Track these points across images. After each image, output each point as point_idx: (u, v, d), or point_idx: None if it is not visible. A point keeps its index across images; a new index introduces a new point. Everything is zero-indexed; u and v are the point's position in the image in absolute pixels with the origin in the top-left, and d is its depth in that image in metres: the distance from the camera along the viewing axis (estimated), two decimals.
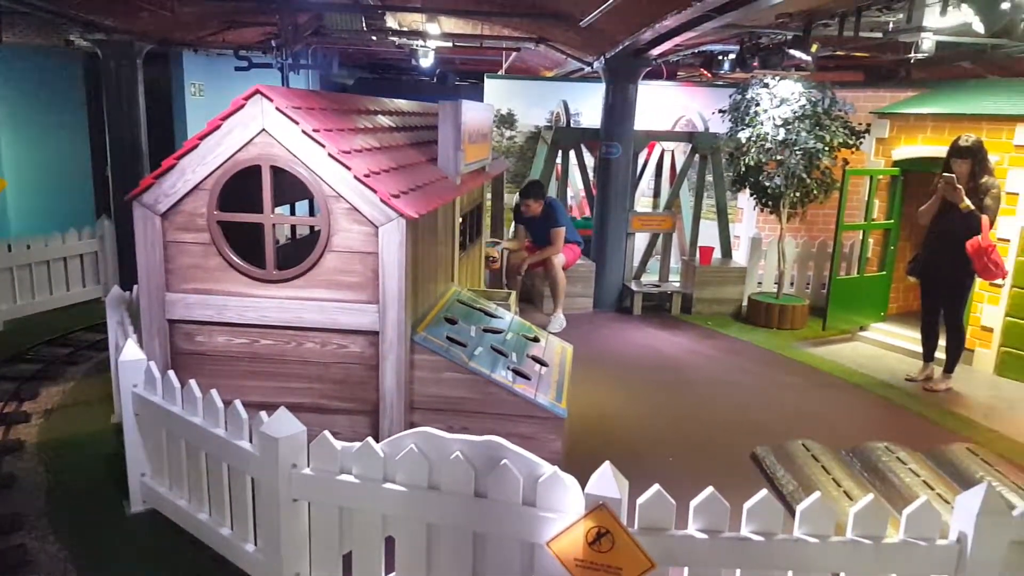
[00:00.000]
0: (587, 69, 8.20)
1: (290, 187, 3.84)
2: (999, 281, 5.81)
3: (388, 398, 3.56)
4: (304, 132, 3.37)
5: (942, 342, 5.73)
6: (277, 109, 3.38)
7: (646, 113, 8.19)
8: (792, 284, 7.85)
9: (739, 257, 8.34)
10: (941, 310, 5.66)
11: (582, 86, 8.70)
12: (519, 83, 8.70)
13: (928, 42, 6.33)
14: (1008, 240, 5.92)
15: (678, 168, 8.43)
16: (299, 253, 3.69)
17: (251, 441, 3.00)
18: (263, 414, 2.88)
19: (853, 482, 3.93)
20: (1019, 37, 6.75)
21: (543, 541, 2.52)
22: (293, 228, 6.13)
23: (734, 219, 9.07)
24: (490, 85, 8.48)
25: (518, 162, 8.53)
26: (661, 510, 2.42)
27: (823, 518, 2.39)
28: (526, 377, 3.90)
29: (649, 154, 8.65)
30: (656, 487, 2.42)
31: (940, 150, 5.69)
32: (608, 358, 6.25)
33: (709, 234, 8.15)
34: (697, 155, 7.90)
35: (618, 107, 7.41)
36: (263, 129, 3.41)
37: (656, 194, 8.82)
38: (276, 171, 3.47)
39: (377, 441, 2.75)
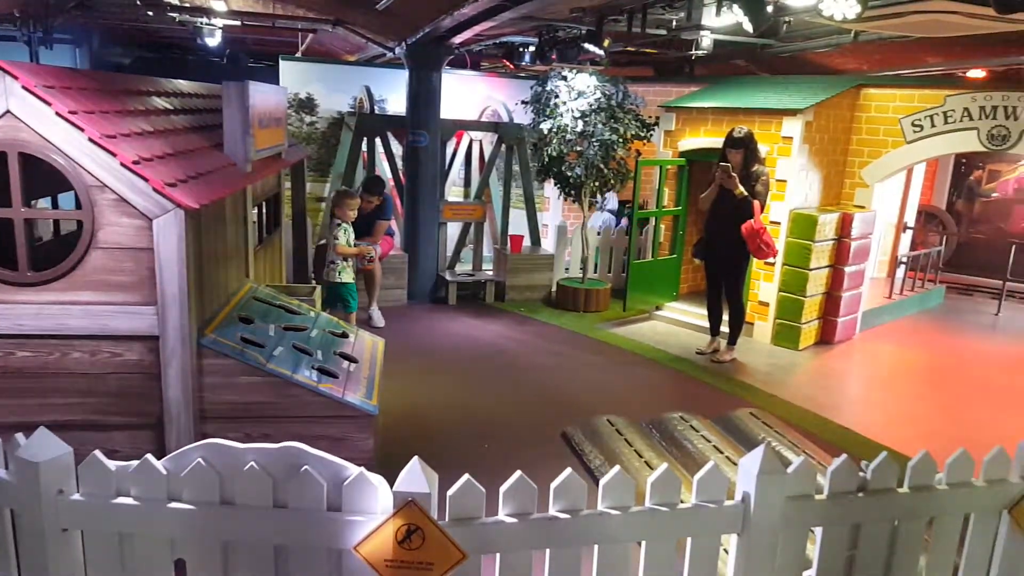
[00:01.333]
0: (390, 55, 8.04)
1: (50, 177, 3.37)
2: (772, 260, 6.45)
3: (174, 409, 3.24)
4: (59, 114, 2.96)
5: (726, 317, 6.26)
6: (24, 88, 2.93)
7: (453, 102, 8.18)
8: (596, 269, 8.22)
9: (548, 245, 8.60)
10: (723, 288, 6.17)
11: (386, 72, 8.52)
12: (318, 66, 8.33)
13: (707, 40, 6.86)
14: (779, 223, 6.57)
15: (487, 158, 8.52)
16: (63, 252, 3.25)
17: (7, 468, 2.59)
18: (19, 436, 2.49)
19: (654, 452, 4.16)
20: (783, 38, 7.54)
21: (351, 546, 2.40)
22: (56, 223, 5.43)
23: (542, 208, 9.34)
24: (286, 68, 8.06)
25: (320, 149, 8.19)
26: (471, 500, 2.38)
27: (623, 490, 2.47)
28: (333, 375, 3.72)
29: (458, 143, 8.67)
30: (465, 477, 2.39)
31: (719, 141, 6.18)
32: (425, 350, 6.18)
33: (519, 223, 8.32)
34: (504, 145, 8.03)
35: (423, 95, 7.34)
36: (7, 111, 2.95)
37: (466, 183, 8.86)
38: (28, 159, 3.02)
39: (163, 457, 2.48)
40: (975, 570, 2.95)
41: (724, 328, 6.32)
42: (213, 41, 8.69)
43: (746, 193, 5.72)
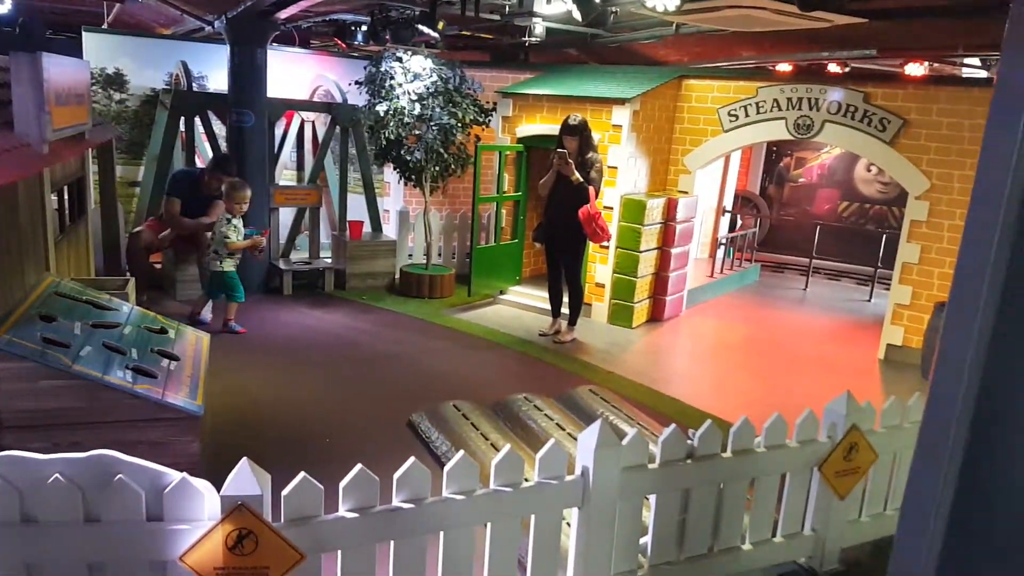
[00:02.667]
0: (209, 29, 7.50)
1: None
2: (606, 244, 6.70)
3: None
4: None
5: (567, 299, 6.44)
6: None
7: (281, 81, 7.78)
8: (440, 255, 8.17)
9: (390, 231, 8.43)
10: (563, 271, 6.33)
11: (205, 47, 7.94)
12: (128, 40, 7.61)
13: (539, 27, 6.97)
14: (611, 208, 6.83)
15: (321, 140, 8.19)
16: None
17: None
18: None
19: (500, 434, 4.19)
20: (611, 29, 7.82)
21: (176, 557, 2.21)
22: None
23: (382, 193, 9.14)
24: (90, 40, 7.29)
25: (133, 129, 7.51)
26: (307, 498, 2.27)
27: (468, 475, 2.45)
28: (151, 375, 3.42)
29: (288, 124, 8.27)
30: (301, 475, 2.27)
31: (555, 128, 6.31)
32: (259, 343, 5.85)
33: (358, 208, 8.09)
34: (338, 127, 7.75)
35: (246, 72, 6.91)
36: None
37: (300, 167, 8.49)
38: None
39: None
40: (792, 522, 3.21)
41: (565, 310, 6.49)
42: (3, 8, 7.70)
43: (582, 179, 5.89)
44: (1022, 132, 1.06)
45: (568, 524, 2.82)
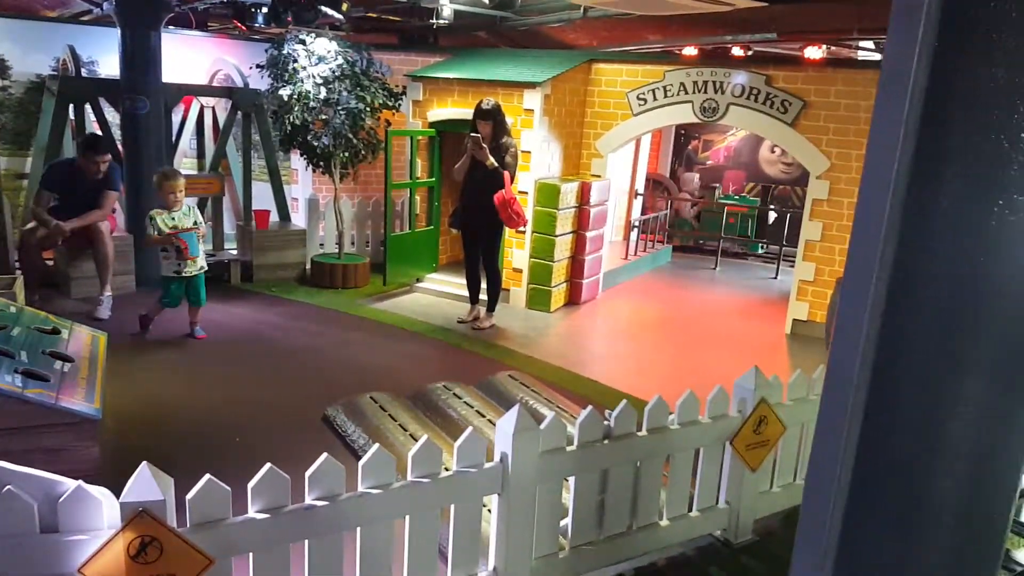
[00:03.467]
0: (97, 11, 7.05)
1: None
2: (523, 229, 6.70)
3: None
4: None
5: (485, 285, 6.41)
6: None
7: (177, 65, 7.41)
8: (353, 243, 8.00)
9: (299, 220, 8.18)
10: (480, 257, 6.29)
11: (95, 30, 7.46)
12: (10, 22, 7.08)
13: (447, 9, 6.87)
14: (526, 192, 6.84)
15: (222, 126, 7.85)
16: None
17: None
18: None
19: (419, 424, 4.14)
20: (519, 11, 7.79)
21: (74, 569, 2.08)
22: None
23: (289, 180, 8.86)
24: None
25: (17, 118, 7.00)
26: (214, 500, 2.17)
27: (384, 468, 2.39)
28: (43, 379, 3.20)
29: (187, 110, 7.89)
30: (206, 477, 2.17)
31: (467, 112, 6.25)
32: (162, 341, 5.58)
33: (265, 197, 7.81)
34: (240, 112, 7.44)
35: (139, 56, 6.53)
36: None
37: (201, 155, 8.12)
38: None
39: None
40: (707, 496, 3.30)
41: (483, 296, 6.46)
42: None
43: (497, 164, 5.86)
44: (907, 113, 1.08)
45: (489, 511, 2.80)
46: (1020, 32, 1.06)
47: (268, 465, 2.24)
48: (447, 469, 2.54)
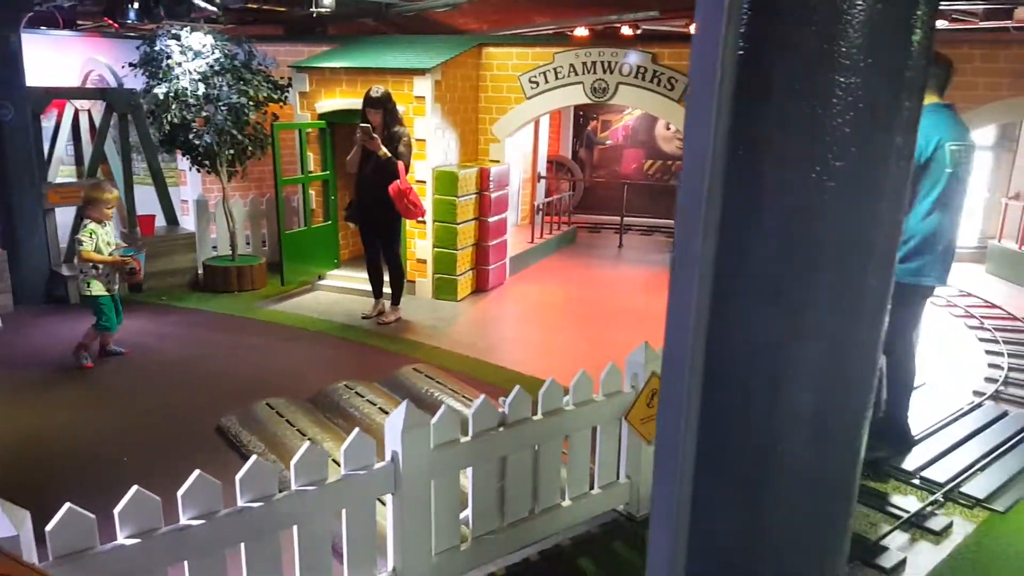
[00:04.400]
0: None
1: None
2: (423, 219, 6.59)
3: None
4: None
5: (388, 278, 6.27)
6: None
7: (46, 67, 6.93)
8: (249, 243, 7.70)
9: (190, 223, 7.82)
10: (381, 250, 6.15)
11: None
12: None
13: None
14: (424, 181, 6.72)
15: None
16: None
17: None
18: None
19: (319, 428, 4.01)
20: None
21: None
22: None
23: (178, 182, 8.46)
24: None
25: None
26: (77, 530, 2.02)
27: (264, 479, 2.29)
28: None
29: (60, 115, 7.39)
30: (66, 506, 2.01)
31: (357, 102, 6.07)
32: (41, 360, 5.23)
33: (152, 201, 7.41)
34: (116, 114, 7.02)
35: None
36: None
37: (79, 161, 7.65)
38: None
39: None
40: (607, 473, 3.32)
41: (388, 289, 6.33)
42: None
43: (390, 154, 5.72)
44: (720, 83, 1.07)
45: (384, 503, 2.73)
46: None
47: (134, 488, 2.10)
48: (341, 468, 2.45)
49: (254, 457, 2.30)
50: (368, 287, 6.48)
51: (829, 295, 1.18)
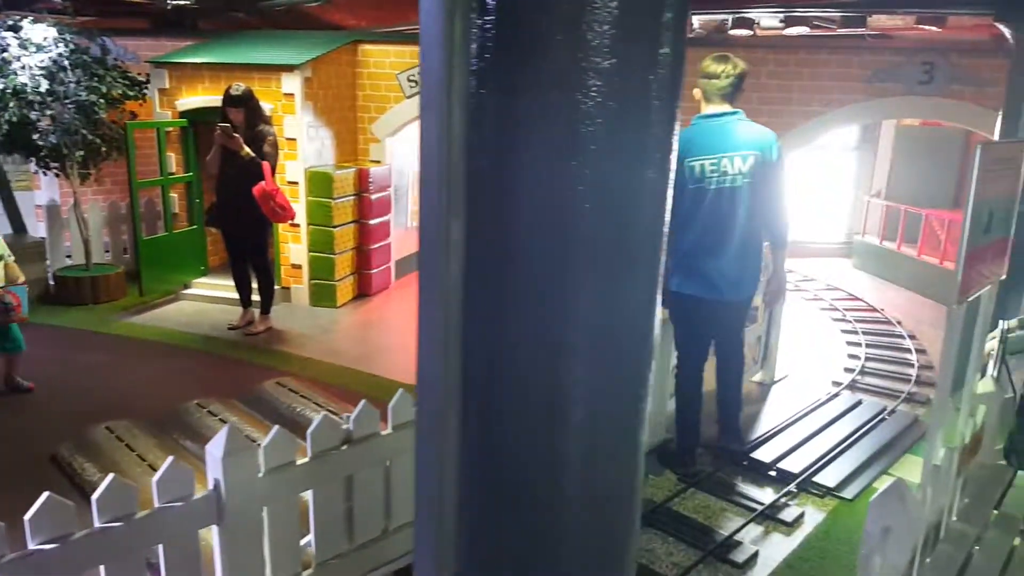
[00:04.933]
0: None
1: None
2: (296, 222, 6.31)
3: None
4: None
5: (257, 286, 5.96)
6: None
7: None
8: (108, 251, 7.19)
9: (44, 230, 7.22)
10: (248, 256, 5.84)
11: None
12: None
13: None
14: (296, 182, 6.45)
15: None
16: None
17: None
18: None
19: (164, 451, 3.72)
20: None
21: None
22: None
23: (31, 186, 7.82)
24: None
25: None
26: None
27: (59, 519, 2.05)
28: None
29: None
30: None
31: (221, 100, 5.74)
32: None
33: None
34: None
35: None
36: None
37: None
38: None
39: None
40: None
41: (257, 297, 6.02)
42: None
43: (253, 154, 5.44)
44: (451, 71, 0.97)
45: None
46: None
47: None
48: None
49: (45, 495, 2.07)
50: (237, 296, 6.14)
51: (594, 299, 1.10)
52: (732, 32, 7.03)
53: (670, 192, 1.19)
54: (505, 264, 1.12)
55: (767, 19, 6.86)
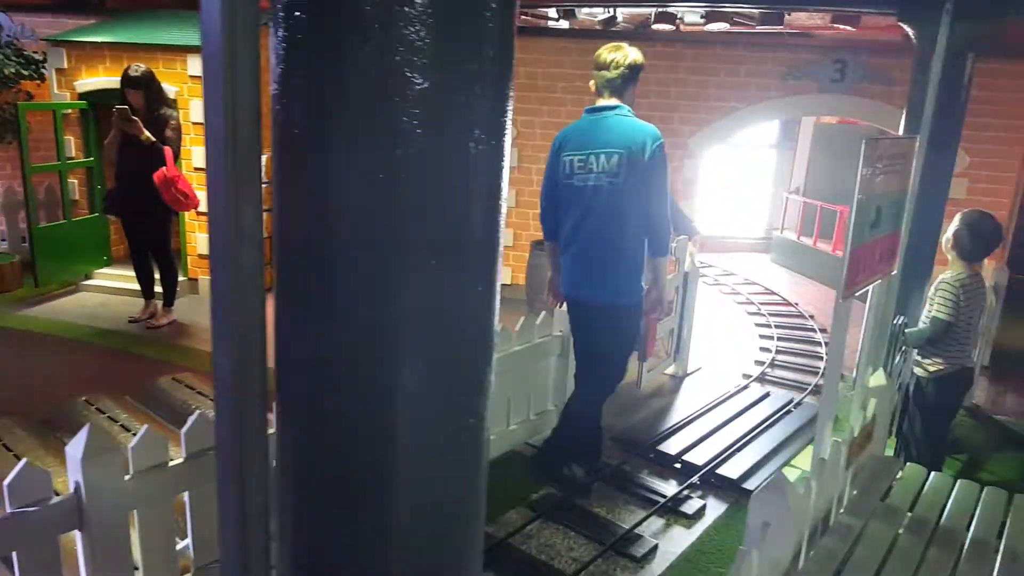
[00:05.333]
0: None
1: None
2: (203, 210, 6.05)
3: None
4: None
5: (159, 276, 5.70)
6: None
7: None
8: (5, 239, 6.78)
9: None
10: (149, 246, 5.57)
11: None
12: None
13: None
14: (203, 169, 6.17)
15: None
16: None
17: None
18: None
19: (44, 451, 3.51)
20: None
21: None
22: None
23: None
24: None
25: None
26: None
27: None
28: None
29: None
30: None
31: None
32: None
33: None
34: None
35: None
36: None
37: None
38: None
39: None
40: None
41: (160, 289, 5.75)
42: None
43: (154, 139, 5.18)
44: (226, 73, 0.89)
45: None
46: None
47: None
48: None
49: None
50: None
51: (420, 299, 1.04)
52: (655, 27, 7.06)
53: (504, 187, 1.13)
54: (323, 259, 1.05)
55: (690, 15, 6.92)
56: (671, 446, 4.00)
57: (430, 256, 1.04)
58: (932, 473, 3.03)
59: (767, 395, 4.83)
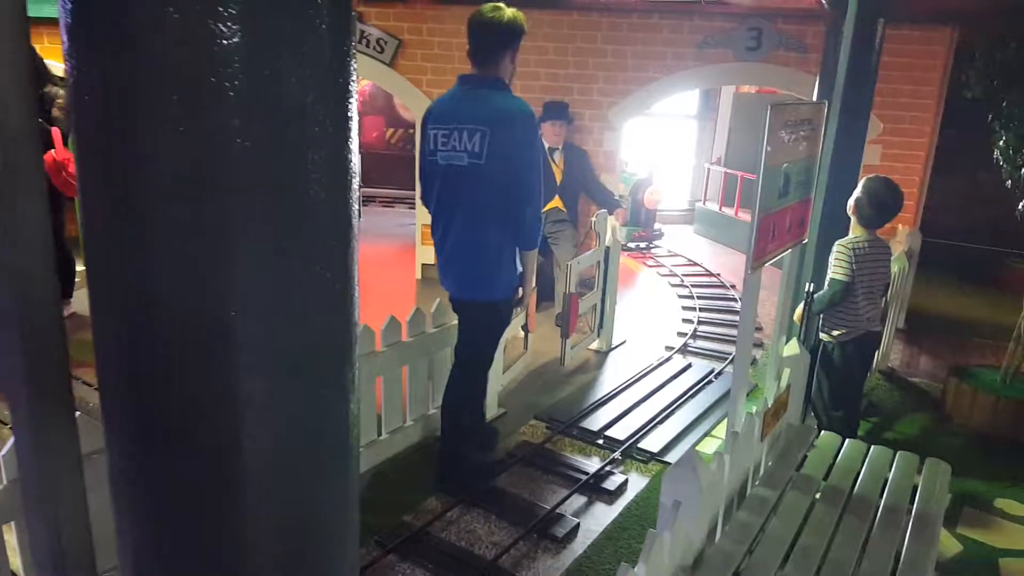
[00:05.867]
0: None
1: None
2: None
3: None
4: None
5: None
6: None
7: None
8: None
9: None
10: None
11: None
12: None
13: None
14: None
15: None
16: None
17: None
18: None
19: None
20: None
21: None
22: None
23: None
24: None
25: None
26: None
27: None
28: None
29: None
30: None
31: None
32: None
33: None
34: None
35: None
36: None
37: None
38: None
39: None
40: None
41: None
42: None
43: (40, 119, 4.79)
44: None
45: None
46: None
47: None
48: None
49: None
50: None
51: (264, 280, 0.90)
52: None
53: (354, 160, 0.99)
54: (141, 225, 0.88)
55: None
56: (594, 422, 3.96)
57: (265, 239, 0.89)
58: (846, 441, 3.05)
59: (689, 366, 4.85)
